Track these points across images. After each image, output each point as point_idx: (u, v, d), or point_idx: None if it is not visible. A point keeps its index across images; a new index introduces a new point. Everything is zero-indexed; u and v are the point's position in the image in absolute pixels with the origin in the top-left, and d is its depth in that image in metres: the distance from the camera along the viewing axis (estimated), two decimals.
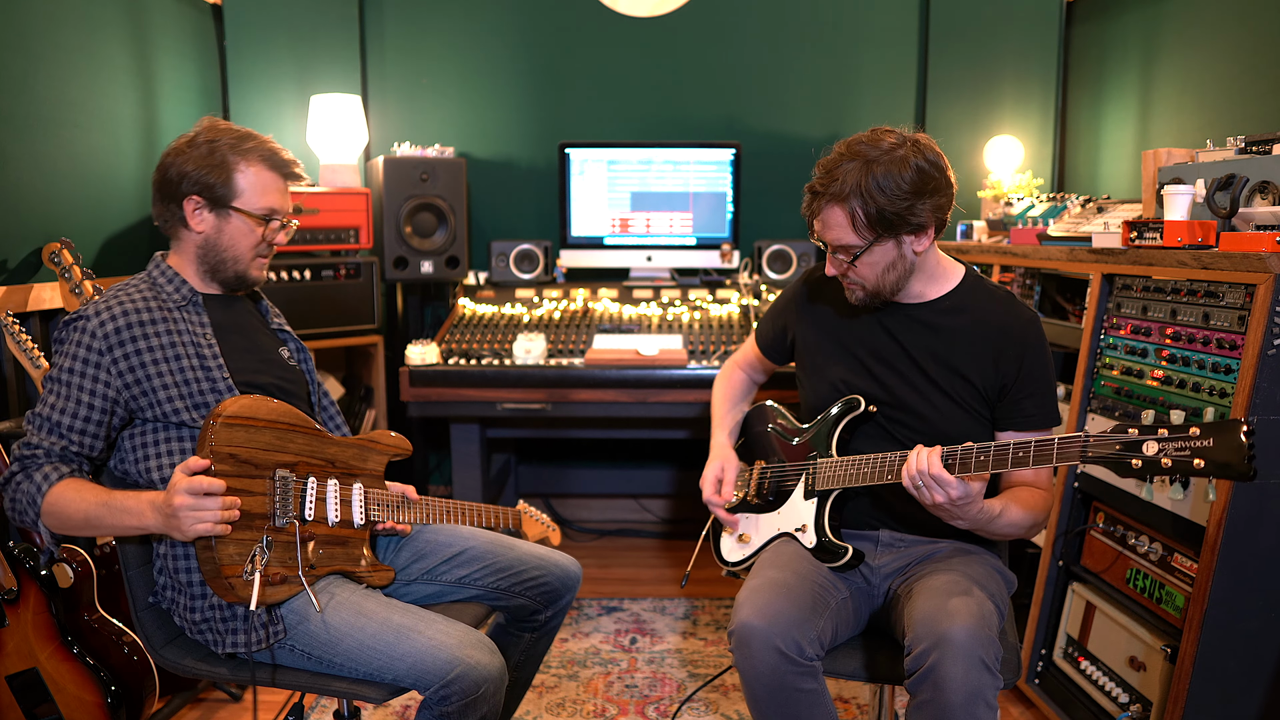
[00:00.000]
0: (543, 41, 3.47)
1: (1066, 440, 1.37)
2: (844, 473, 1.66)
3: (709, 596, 3.03)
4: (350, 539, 1.63)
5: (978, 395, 1.65)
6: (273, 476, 1.53)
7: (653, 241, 3.32)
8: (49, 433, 1.52)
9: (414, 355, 2.78)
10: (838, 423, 1.71)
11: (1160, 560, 1.86)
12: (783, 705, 1.49)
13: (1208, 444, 1.26)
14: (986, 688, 1.37)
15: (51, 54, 2.42)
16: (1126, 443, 1.32)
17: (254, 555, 1.48)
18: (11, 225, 2.27)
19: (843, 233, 1.59)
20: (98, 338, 1.52)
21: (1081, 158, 3.29)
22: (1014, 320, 1.64)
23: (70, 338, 1.53)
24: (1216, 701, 1.74)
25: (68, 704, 1.91)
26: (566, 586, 1.81)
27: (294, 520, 1.54)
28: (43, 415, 1.52)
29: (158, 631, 1.63)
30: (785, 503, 1.76)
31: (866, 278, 1.63)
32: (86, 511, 1.48)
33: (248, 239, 1.63)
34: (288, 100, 3.32)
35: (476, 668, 1.48)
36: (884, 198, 1.54)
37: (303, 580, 1.53)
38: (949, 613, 1.42)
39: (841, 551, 1.65)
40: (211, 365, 1.59)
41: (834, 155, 1.61)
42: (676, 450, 3.73)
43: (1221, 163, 1.89)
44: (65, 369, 1.52)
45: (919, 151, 1.56)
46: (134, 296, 1.59)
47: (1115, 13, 3.07)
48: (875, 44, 3.44)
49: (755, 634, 1.47)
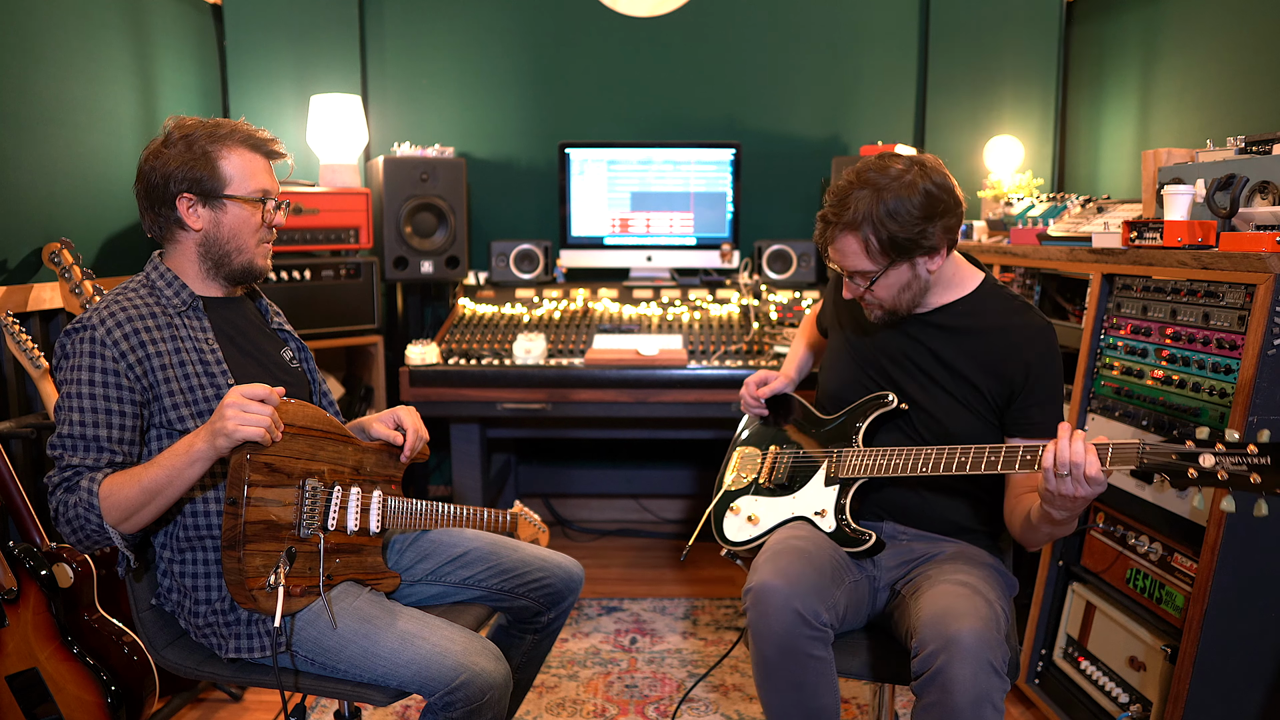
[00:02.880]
0: (543, 41, 3.47)
1: (1123, 445, 1.39)
2: (873, 463, 1.68)
3: (709, 596, 3.03)
4: (365, 546, 1.63)
5: (984, 401, 1.67)
6: (301, 485, 1.51)
7: (653, 241, 3.32)
8: (85, 450, 1.44)
9: (414, 355, 2.78)
10: (866, 415, 1.74)
11: (1160, 560, 1.86)
12: (791, 670, 1.49)
13: (1265, 461, 1.29)
14: (994, 690, 1.37)
15: (51, 54, 2.42)
16: (1182, 453, 1.35)
17: (278, 568, 1.45)
18: (11, 225, 2.27)
19: (857, 260, 1.63)
20: (108, 345, 1.47)
21: (1081, 158, 3.29)
22: (1026, 330, 1.65)
23: (80, 349, 1.47)
24: (1216, 701, 1.74)
25: (68, 704, 1.91)
26: (569, 588, 1.81)
27: (319, 531, 1.53)
28: (73, 435, 1.44)
29: (160, 633, 1.62)
30: (802, 488, 1.77)
31: (883, 299, 1.67)
32: (140, 479, 1.41)
33: (248, 225, 1.59)
34: (288, 100, 3.32)
35: (481, 674, 1.48)
36: (895, 224, 1.57)
37: (322, 593, 1.53)
38: (957, 615, 1.42)
39: (864, 537, 1.66)
40: (215, 371, 1.57)
41: (844, 183, 1.63)
42: (676, 450, 3.73)
43: (1221, 163, 1.89)
44: (85, 381, 1.45)
45: (926, 175, 1.58)
46: (134, 301, 1.54)
47: (1115, 13, 3.07)
48: (875, 44, 3.44)
49: (774, 592, 1.48)
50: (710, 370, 2.73)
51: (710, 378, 2.73)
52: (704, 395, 2.73)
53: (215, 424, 1.40)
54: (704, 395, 2.73)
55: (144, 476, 1.41)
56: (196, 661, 1.59)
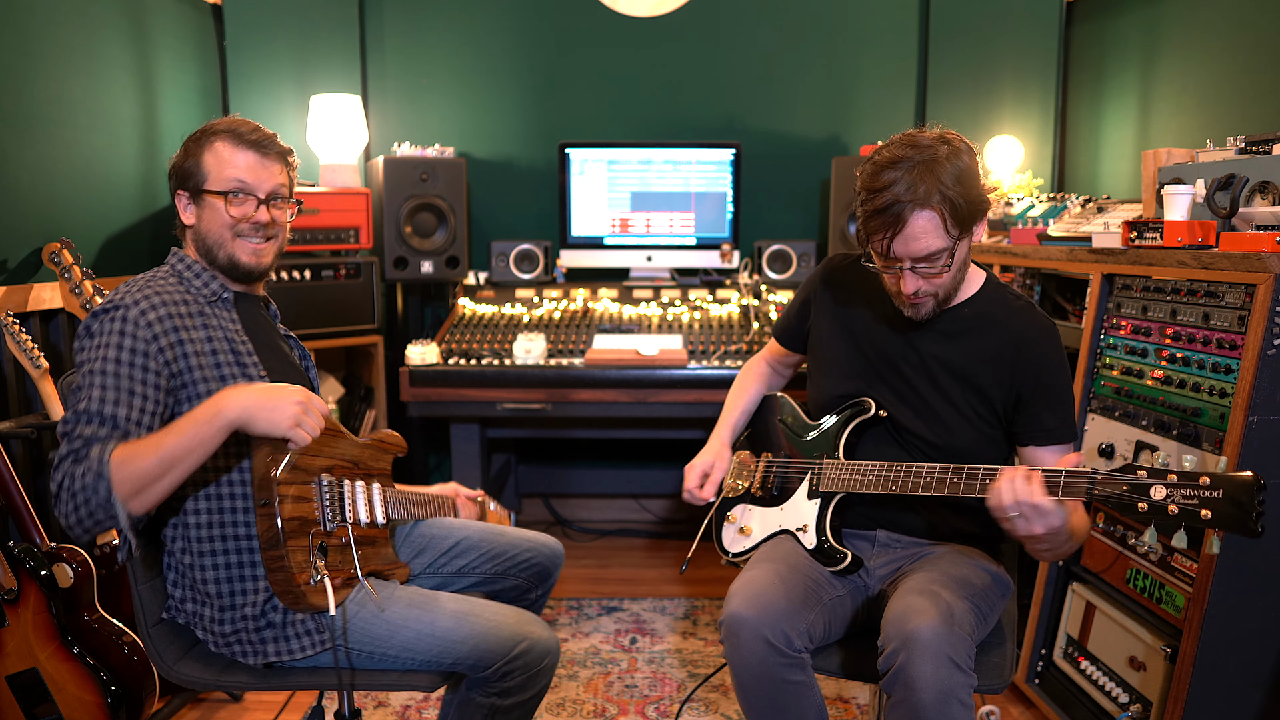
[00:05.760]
0: (543, 41, 3.47)
1: (1074, 475, 1.36)
2: (850, 477, 1.65)
3: (709, 596, 3.03)
4: (377, 538, 1.66)
5: (990, 408, 1.62)
6: (318, 481, 1.54)
7: (653, 241, 3.32)
8: (100, 425, 1.36)
9: (414, 355, 2.78)
10: (846, 425, 1.71)
11: (1160, 560, 1.86)
12: (770, 696, 1.49)
13: (1217, 495, 1.22)
14: (958, 686, 1.36)
15: (51, 54, 2.42)
16: (1134, 484, 1.30)
17: (314, 560, 1.47)
18: (11, 225, 2.27)
19: (932, 238, 1.49)
20: (141, 326, 1.44)
21: (1081, 158, 3.29)
22: (1032, 331, 1.61)
23: (108, 328, 1.42)
24: (1216, 701, 1.74)
25: (68, 704, 1.91)
26: (554, 564, 1.90)
27: (342, 524, 1.56)
28: (90, 411, 1.36)
29: (170, 647, 1.56)
30: (789, 499, 1.76)
31: (945, 284, 1.56)
32: (158, 446, 1.33)
33: (219, 219, 1.56)
34: (288, 100, 3.32)
35: (539, 641, 1.57)
36: (964, 188, 1.48)
37: (362, 578, 1.55)
38: (916, 612, 1.41)
39: (841, 556, 1.65)
40: (247, 362, 1.56)
41: (883, 171, 1.49)
42: (677, 450, 3.72)
43: (1221, 163, 1.89)
44: (110, 359, 1.40)
45: (952, 139, 1.52)
46: (166, 288, 1.52)
47: (1115, 13, 3.07)
48: (875, 44, 3.44)
49: (744, 624, 1.48)
50: (710, 370, 2.73)
51: (710, 378, 2.73)
52: (704, 395, 2.73)
53: (264, 405, 1.37)
54: (704, 395, 2.73)
55: (162, 443, 1.34)
56: (215, 673, 1.54)
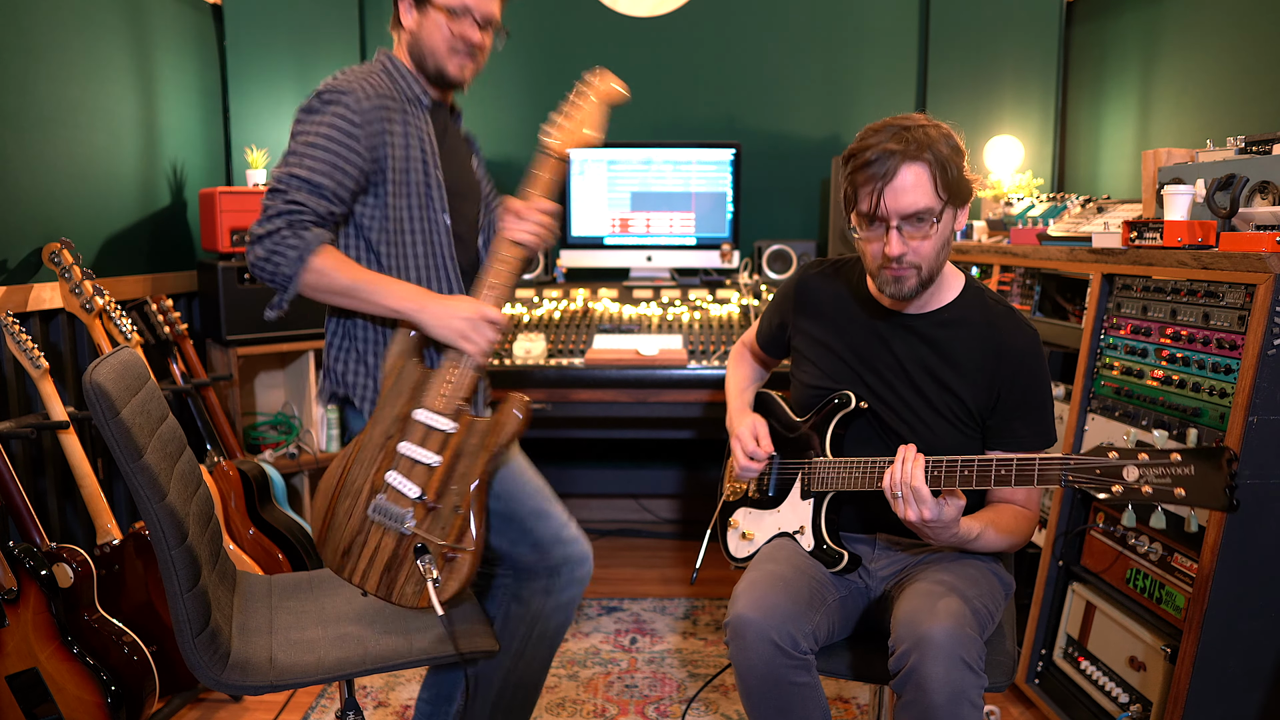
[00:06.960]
0: (543, 41, 3.47)
1: (1048, 461, 1.36)
2: (837, 475, 1.65)
3: (709, 596, 3.03)
4: None
5: (968, 412, 1.62)
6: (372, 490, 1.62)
7: (653, 241, 3.32)
8: (311, 193, 1.55)
9: None
10: (830, 419, 1.69)
11: (1160, 560, 1.86)
12: (776, 698, 1.49)
13: (1188, 471, 1.22)
14: (970, 687, 1.36)
15: (51, 54, 2.42)
16: (1106, 467, 1.30)
17: (426, 565, 1.54)
18: (11, 225, 2.27)
19: (921, 195, 1.47)
20: (356, 111, 1.59)
21: (1081, 158, 3.29)
22: (1012, 338, 1.60)
23: (328, 109, 1.59)
24: (1216, 701, 1.74)
25: (68, 704, 1.91)
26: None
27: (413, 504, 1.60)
28: (302, 177, 1.55)
29: (200, 617, 1.40)
30: (785, 501, 1.76)
31: (927, 255, 1.53)
32: (354, 273, 1.58)
33: (440, 32, 1.69)
34: (288, 100, 3.32)
35: (583, 545, 1.76)
36: (955, 156, 1.50)
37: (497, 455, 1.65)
38: (929, 613, 1.42)
39: (838, 557, 1.65)
40: (430, 165, 1.70)
41: (872, 134, 1.50)
42: (677, 450, 3.73)
43: (1221, 163, 1.89)
44: (325, 135, 1.57)
45: (941, 124, 1.53)
46: (380, 81, 1.67)
47: (1115, 13, 3.07)
48: (875, 44, 3.44)
49: (750, 626, 1.48)
50: (710, 370, 2.73)
51: (711, 378, 2.73)
52: (704, 395, 2.73)
53: (439, 315, 1.59)
54: (704, 395, 2.73)
55: (358, 275, 1.59)
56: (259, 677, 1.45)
